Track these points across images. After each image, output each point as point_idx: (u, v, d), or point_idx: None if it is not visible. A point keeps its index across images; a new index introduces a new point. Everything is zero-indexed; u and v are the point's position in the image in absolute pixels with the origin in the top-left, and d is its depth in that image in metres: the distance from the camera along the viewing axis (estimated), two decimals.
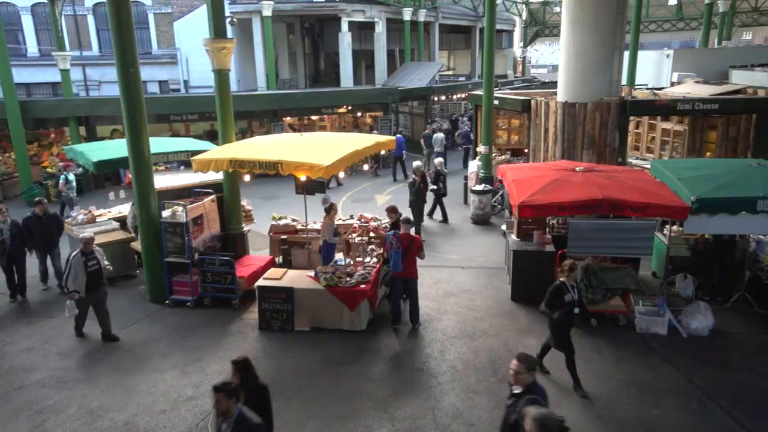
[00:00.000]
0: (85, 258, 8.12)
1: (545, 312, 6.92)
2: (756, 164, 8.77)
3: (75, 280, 8.04)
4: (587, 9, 13.07)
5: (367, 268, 9.02)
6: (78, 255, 8.10)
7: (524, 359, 4.60)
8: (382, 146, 10.53)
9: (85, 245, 8.21)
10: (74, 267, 8.03)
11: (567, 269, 6.92)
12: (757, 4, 33.45)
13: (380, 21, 27.58)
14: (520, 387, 4.50)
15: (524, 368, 4.53)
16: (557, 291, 6.83)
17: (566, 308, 6.73)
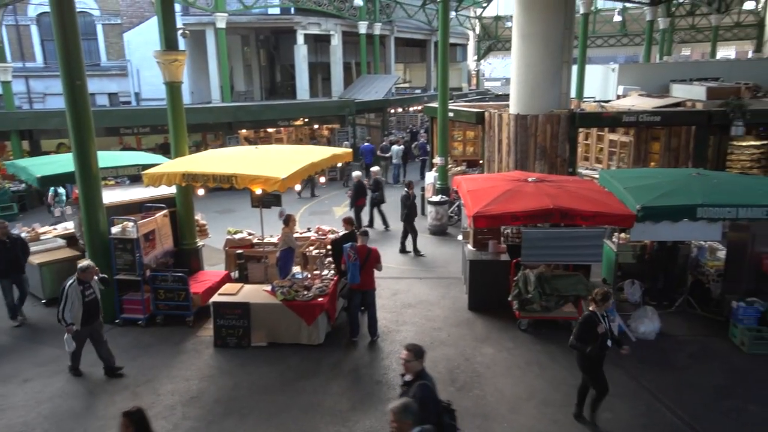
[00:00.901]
0: (83, 287, 7.46)
1: (577, 347, 6.29)
2: (695, 173, 9.22)
3: (71, 312, 7.34)
4: (536, 24, 13.51)
5: (324, 281, 8.97)
6: (75, 284, 7.42)
7: (412, 349, 4.97)
8: (338, 158, 10.55)
9: (83, 274, 7.51)
10: (71, 297, 7.34)
11: (599, 298, 6.32)
12: (694, 22, 35.28)
13: (336, 34, 27.67)
14: (411, 375, 4.88)
15: (413, 357, 4.91)
16: (589, 322, 6.25)
17: (600, 341, 6.19)
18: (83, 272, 7.53)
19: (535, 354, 8.18)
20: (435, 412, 4.70)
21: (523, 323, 8.91)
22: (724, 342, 8.40)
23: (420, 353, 4.95)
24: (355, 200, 14.42)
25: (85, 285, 7.53)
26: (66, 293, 7.37)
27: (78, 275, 7.51)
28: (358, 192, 14.39)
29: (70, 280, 7.50)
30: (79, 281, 7.48)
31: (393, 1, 30.45)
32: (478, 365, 7.89)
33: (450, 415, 4.88)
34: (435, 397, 4.78)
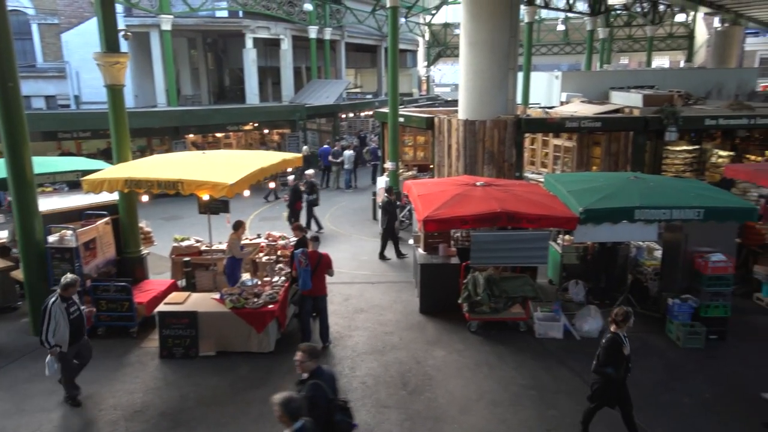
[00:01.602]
0: (66, 304, 6.89)
1: (603, 372, 5.96)
2: (633, 177, 9.60)
3: (57, 332, 6.75)
4: (483, 32, 13.84)
5: (275, 288, 8.85)
6: (58, 301, 6.82)
7: (306, 349, 5.05)
8: (288, 164, 10.43)
9: (67, 291, 6.91)
10: (55, 316, 6.73)
11: (620, 319, 6.03)
12: (631, 33, 37.02)
13: (286, 38, 27.46)
14: (306, 374, 4.99)
15: (307, 357, 4.99)
16: (615, 345, 5.95)
17: (625, 362, 5.99)
18: (66, 289, 6.91)
19: (485, 355, 8.33)
20: (325, 409, 4.85)
21: (473, 325, 9.06)
22: (662, 338, 8.80)
23: (314, 353, 5.08)
24: (293, 204, 14.37)
25: (69, 302, 6.95)
26: (49, 312, 6.72)
27: (60, 292, 6.88)
28: (295, 195, 14.36)
29: (52, 298, 6.84)
30: (62, 298, 6.87)
31: (343, 7, 30.50)
32: (429, 368, 7.96)
33: (345, 412, 5.03)
34: (325, 395, 4.89)
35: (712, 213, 8.26)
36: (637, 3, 28.66)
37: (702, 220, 8.27)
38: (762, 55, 44.64)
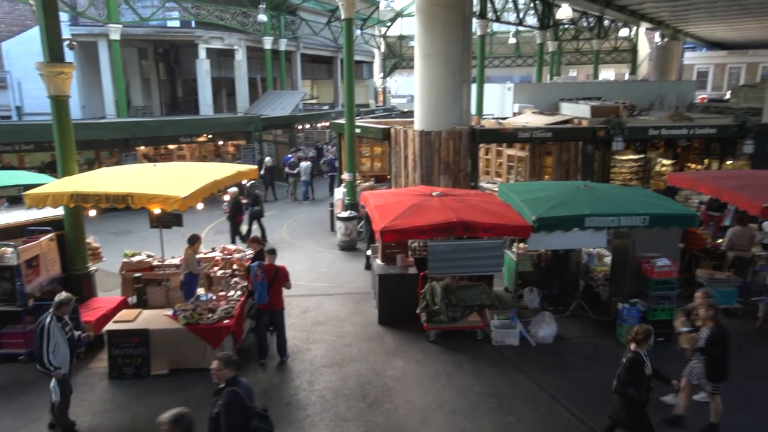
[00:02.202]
0: (61, 323, 6.53)
1: (625, 393, 5.78)
2: (583, 186, 9.90)
3: (57, 353, 6.37)
4: (437, 44, 14.08)
5: (230, 302, 8.68)
6: (54, 321, 6.46)
7: (222, 358, 5.15)
8: (243, 176, 10.28)
9: (61, 309, 6.54)
10: (54, 336, 6.38)
11: (641, 337, 5.83)
12: (579, 46, 38.41)
13: (240, 49, 27.17)
14: (222, 382, 5.07)
15: (223, 365, 5.08)
16: (636, 364, 5.76)
17: (647, 382, 5.84)
18: (60, 308, 6.54)
19: (443, 364, 8.38)
20: (242, 417, 4.91)
21: (431, 334, 9.11)
22: (612, 341, 9.06)
23: (230, 362, 5.13)
24: (234, 216, 14.17)
25: (63, 321, 6.60)
26: (48, 332, 6.35)
27: (54, 311, 6.52)
28: (236, 208, 14.16)
29: (47, 318, 6.46)
30: (56, 318, 6.51)
31: (298, 18, 30.46)
32: (389, 379, 7.95)
33: (264, 420, 5.10)
34: (243, 403, 4.95)
35: (656, 220, 8.61)
36: (584, 18, 29.77)
37: (647, 226, 8.61)
38: (699, 69, 47.14)
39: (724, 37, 39.89)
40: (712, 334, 6.39)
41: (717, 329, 6.42)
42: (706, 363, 6.49)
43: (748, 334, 9.32)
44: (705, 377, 6.54)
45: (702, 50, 48.03)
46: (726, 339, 6.41)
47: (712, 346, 6.37)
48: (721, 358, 6.40)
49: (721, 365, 6.44)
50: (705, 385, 6.61)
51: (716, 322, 6.47)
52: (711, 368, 6.48)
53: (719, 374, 6.48)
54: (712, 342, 6.37)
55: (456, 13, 13.95)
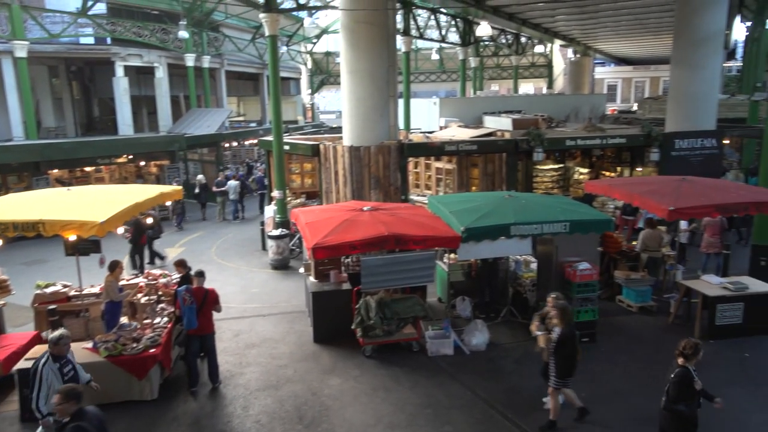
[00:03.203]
0: (59, 364, 5.97)
1: (675, 410, 5.62)
2: (508, 196, 10.26)
3: (50, 399, 5.67)
4: (362, 61, 14.23)
5: (156, 330, 8.28)
6: (49, 362, 5.90)
7: (63, 391, 4.92)
8: (166, 197, 9.93)
9: (57, 347, 6.00)
10: (47, 380, 5.79)
11: (690, 352, 5.67)
12: (499, 62, 40.07)
13: (161, 66, 26.32)
14: (66, 417, 4.82)
15: (63, 399, 4.82)
16: (686, 380, 5.60)
17: (698, 398, 5.70)
18: (56, 345, 5.99)
19: (381, 378, 8.37)
20: None
21: (368, 350, 9.09)
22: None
23: (71, 395, 4.85)
24: (137, 239, 13.66)
25: (62, 361, 6.03)
26: (40, 376, 5.79)
27: (51, 350, 5.99)
28: (138, 230, 13.64)
29: (42, 359, 5.91)
30: (53, 357, 5.96)
31: (221, 35, 29.93)
32: (326, 398, 7.84)
33: None
34: None
35: (576, 226, 9.05)
36: (502, 35, 31.10)
37: (568, 232, 9.03)
38: (609, 83, 50.43)
39: (629, 53, 42.97)
40: (562, 335, 6.66)
41: (566, 329, 6.68)
42: (557, 361, 6.76)
43: (662, 329, 9.95)
44: (554, 375, 6.82)
45: (610, 65, 51.43)
46: (573, 338, 6.70)
47: (562, 346, 6.67)
48: (570, 356, 6.70)
49: (570, 363, 6.74)
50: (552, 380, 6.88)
51: (566, 323, 6.71)
52: (560, 366, 6.75)
53: (567, 371, 6.76)
54: (562, 342, 6.66)
55: (380, 30, 14.18)
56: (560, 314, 6.78)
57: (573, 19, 25.28)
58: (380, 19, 14.09)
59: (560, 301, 6.90)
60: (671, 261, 11.63)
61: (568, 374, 6.82)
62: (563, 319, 6.76)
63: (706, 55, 15.04)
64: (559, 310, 6.80)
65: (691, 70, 15.26)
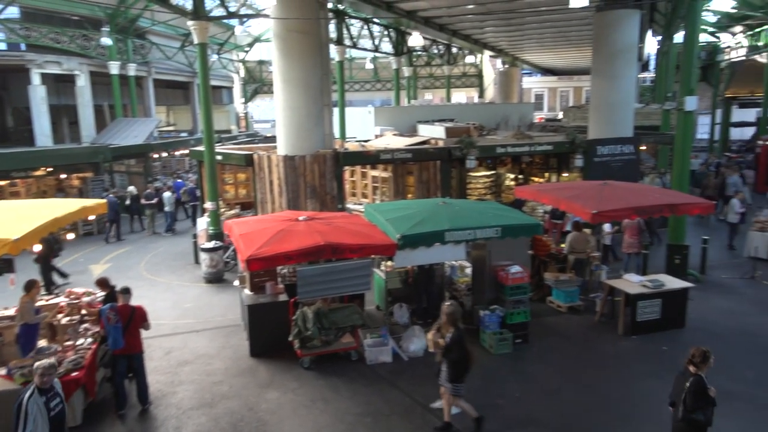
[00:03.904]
0: (45, 398, 5.41)
1: (693, 419, 5.61)
2: (442, 202, 10.47)
3: None
4: (296, 70, 14.14)
5: (79, 352, 7.83)
6: (35, 395, 5.35)
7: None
8: (89, 211, 9.43)
9: (44, 378, 5.44)
10: (32, 415, 5.24)
11: (699, 360, 5.69)
12: (432, 72, 40.92)
13: (82, 74, 25.01)
14: None
15: None
16: (702, 387, 5.63)
17: (712, 405, 5.75)
18: (44, 375, 5.45)
19: (320, 390, 8.28)
20: None
21: (306, 361, 8.98)
22: (478, 347, 9.58)
23: None
24: (49, 256, 13.02)
25: (49, 394, 5.51)
26: (25, 411, 5.26)
27: (37, 382, 5.45)
28: (49, 247, 12.98)
29: (27, 392, 5.38)
30: (39, 391, 5.42)
31: (148, 42, 28.88)
32: (263, 413, 7.67)
33: None
34: None
35: (507, 230, 9.34)
36: (434, 45, 31.80)
37: (500, 237, 9.30)
38: (536, 92, 52.61)
39: (554, 64, 45.03)
40: (451, 338, 6.78)
41: (455, 334, 6.79)
42: (447, 366, 6.87)
43: (590, 328, 10.43)
44: (446, 380, 6.92)
45: (537, 76, 53.67)
46: (461, 342, 6.77)
47: (449, 350, 6.77)
48: (459, 360, 6.79)
49: (459, 367, 6.83)
50: (446, 386, 6.97)
51: (455, 326, 6.83)
52: (450, 370, 6.86)
53: (457, 375, 6.86)
54: (449, 346, 6.77)
55: (313, 39, 14.15)
56: (448, 319, 6.88)
57: (501, 31, 26.22)
58: (313, 28, 14.07)
59: (449, 307, 6.97)
60: (596, 262, 12.22)
61: (459, 378, 6.87)
62: (451, 324, 6.85)
63: (622, 67, 15.99)
64: (446, 316, 6.88)
65: (609, 81, 16.17)
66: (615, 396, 7.92)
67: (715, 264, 13.74)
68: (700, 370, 5.71)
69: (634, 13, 15.91)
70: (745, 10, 24.41)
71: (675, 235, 12.55)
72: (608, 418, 7.37)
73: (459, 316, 7.03)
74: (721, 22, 28.08)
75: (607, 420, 7.33)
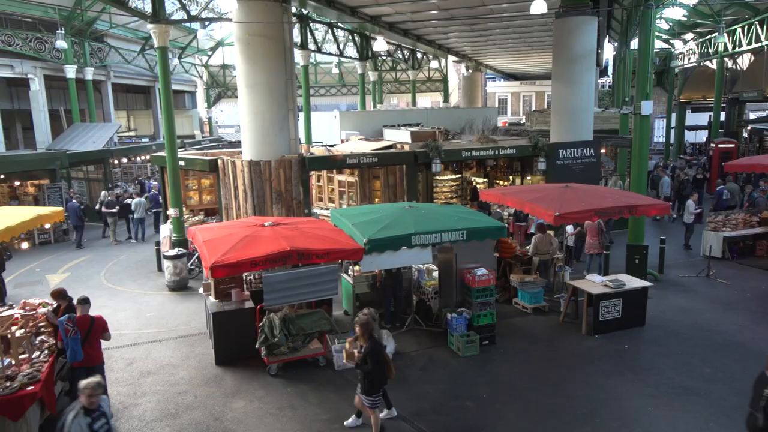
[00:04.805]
0: (90, 419, 5.05)
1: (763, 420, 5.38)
2: (408, 206, 10.51)
3: None
4: (260, 74, 14.01)
5: (35, 365, 7.53)
6: (79, 417, 5.02)
7: None
8: (44, 219, 9.13)
9: (91, 398, 5.07)
10: None
11: None
12: (397, 76, 41.16)
13: (36, 78, 24.22)
14: None
15: None
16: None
17: None
18: (91, 395, 5.08)
19: (287, 397, 8.18)
20: None
21: (273, 368, 8.87)
22: (445, 350, 9.67)
23: None
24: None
25: (94, 414, 5.12)
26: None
27: (84, 402, 5.08)
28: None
29: (71, 414, 5.02)
30: (85, 411, 5.06)
31: (106, 45, 28.17)
32: (230, 422, 7.53)
33: None
34: None
35: (472, 233, 9.44)
36: (399, 50, 31.99)
37: (466, 240, 9.40)
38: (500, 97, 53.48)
39: (517, 69, 45.89)
40: (365, 349, 6.69)
41: (369, 345, 6.70)
42: (363, 377, 6.78)
43: (554, 328, 10.62)
44: (362, 392, 6.85)
45: (501, 80, 54.57)
46: (375, 353, 6.67)
47: (364, 362, 6.67)
48: (373, 372, 6.68)
49: (373, 379, 6.72)
50: (363, 399, 6.87)
51: (369, 338, 6.74)
52: (366, 382, 6.75)
53: (371, 388, 6.74)
54: (363, 358, 6.67)
55: (276, 44, 14.05)
56: (361, 330, 6.80)
57: (464, 36, 26.57)
58: (276, 32, 13.97)
59: (363, 317, 6.88)
60: (560, 263, 12.47)
61: (374, 391, 6.77)
62: (364, 335, 6.78)
63: (581, 72, 16.40)
64: (360, 326, 6.80)
65: (569, 86, 16.56)
66: (580, 394, 8.08)
67: (672, 263, 14.20)
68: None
69: (592, 19, 16.36)
70: (695, 18, 25.40)
71: (634, 235, 12.91)
72: (574, 417, 7.51)
73: (373, 326, 6.86)
74: (674, 30, 29.16)
75: (573, 418, 7.47)
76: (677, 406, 7.72)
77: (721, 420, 7.34)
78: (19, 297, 11.19)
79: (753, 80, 25.90)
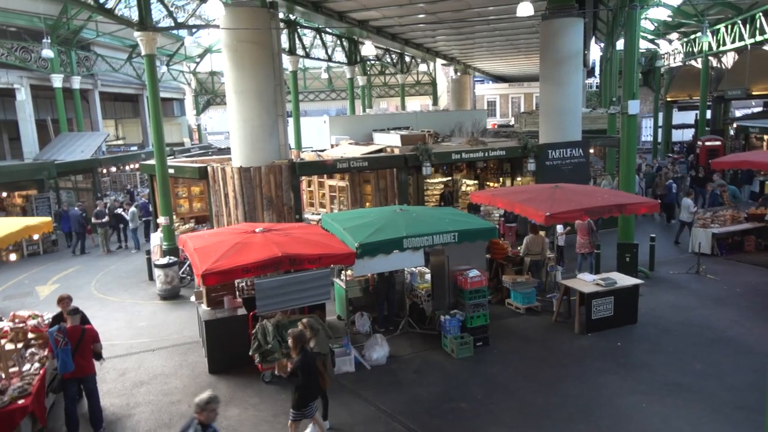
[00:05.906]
0: None
1: None
2: (399, 210, 10.53)
3: None
4: (248, 81, 14.00)
5: (25, 378, 7.46)
6: None
7: None
8: (32, 230, 9.05)
9: (207, 414, 4.98)
10: None
11: None
12: (386, 80, 41.22)
13: (23, 87, 24.01)
14: None
15: None
16: None
17: None
18: (207, 410, 4.98)
19: (282, 404, 8.14)
20: None
21: (267, 375, 8.83)
22: (439, 353, 9.68)
23: None
24: None
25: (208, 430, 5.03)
26: None
27: (199, 417, 4.97)
28: None
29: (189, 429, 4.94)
30: (202, 427, 4.97)
31: (93, 54, 28.02)
32: (225, 430, 7.48)
33: None
34: None
35: (464, 235, 9.47)
36: (387, 54, 32.06)
37: (457, 242, 9.43)
38: (488, 99, 53.70)
39: (505, 71, 46.16)
40: (295, 363, 6.58)
41: (300, 358, 6.58)
42: (294, 390, 6.68)
43: (547, 328, 10.66)
44: (291, 404, 6.72)
45: (489, 83, 54.82)
46: (306, 366, 6.55)
47: (294, 375, 6.57)
48: (304, 385, 6.57)
49: (302, 393, 6.61)
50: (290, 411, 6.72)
51: (301, 351, 6.62)
52: (296, 395, 6.64)
53: (301, 400, 6.62)
54: (293, 371, 6.57)
55: (264, 50, 14.05)
56: (293, 342, 6.66)
57: (452, 39, 26.68)
58: (264, 38, 13.98)
59: (295, 330, 6.76)
60: (551, 263, 12.53)
61: (303, 405, 6.65)
62: (295, 348, 6.64)
63: (569, 73, 16.51)
64: (292, 339, 6.66)
65: (557, 87, 16.67)
66: (574, 393, 8.12)
67: (662, 260, 14.31)
68: None
69: (578, 21, 16.49)
70: (680, 19, 25.67)
71: (624, 234, 13.00)
72: (568, 415, 7.54)
73: (306, 338, 6.73)
74: (659, 30, 29.45)
75: (567, 417, 7.50)
76: (670, 402, 7.77)
77: (712, 415, 7.40)
78: (9, 309, 11.08)
79: (737, 78, 26.22)
